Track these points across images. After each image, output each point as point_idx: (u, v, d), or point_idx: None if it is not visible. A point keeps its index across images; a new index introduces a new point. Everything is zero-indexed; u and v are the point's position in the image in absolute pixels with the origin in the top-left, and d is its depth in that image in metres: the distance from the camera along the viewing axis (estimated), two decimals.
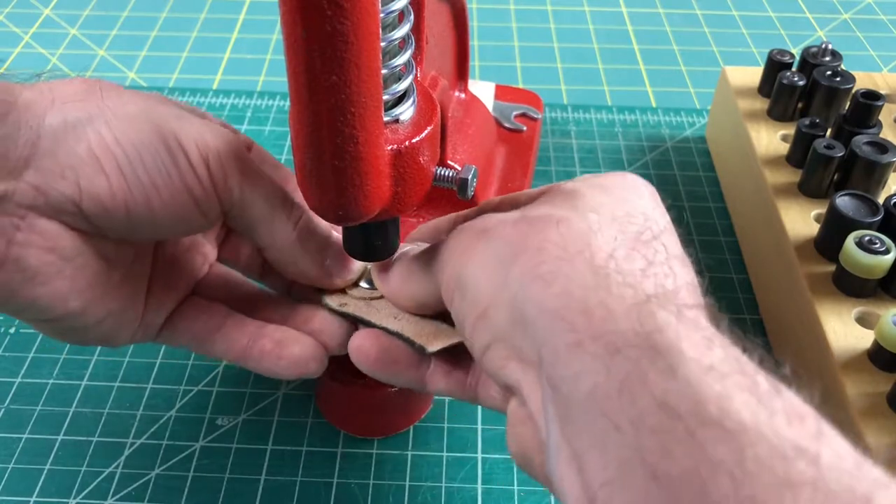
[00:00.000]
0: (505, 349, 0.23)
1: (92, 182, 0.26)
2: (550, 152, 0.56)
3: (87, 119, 0.26)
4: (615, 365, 0.19)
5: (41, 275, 0.26)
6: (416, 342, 0.30)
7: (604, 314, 0.21)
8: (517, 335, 0.23)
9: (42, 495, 0.36)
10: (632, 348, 0.19)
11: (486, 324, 0.24)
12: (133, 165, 0.26)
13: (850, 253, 0.37)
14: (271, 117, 0.58)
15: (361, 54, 0.22)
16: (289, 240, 0.30)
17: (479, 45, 0.68)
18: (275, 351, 0.31)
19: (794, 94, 0.48)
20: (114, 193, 0.26)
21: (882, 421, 0.33)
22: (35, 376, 0.41)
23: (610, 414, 0.19)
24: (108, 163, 0.26)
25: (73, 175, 0.25)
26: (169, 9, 0.72)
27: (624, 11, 0.74)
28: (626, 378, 0.19)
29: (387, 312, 0.32)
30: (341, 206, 0.25)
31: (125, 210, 0.26)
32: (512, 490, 0.36)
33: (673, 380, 0.18)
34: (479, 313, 0.24)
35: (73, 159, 0.25)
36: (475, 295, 0.24)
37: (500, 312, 0.23)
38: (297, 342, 0.31)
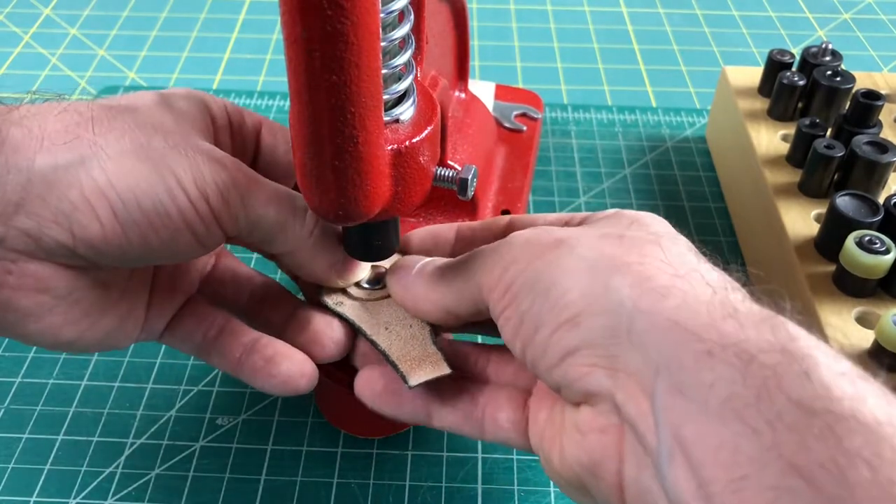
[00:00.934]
0: (594, 357, 0.23)
1: (86, 228, 0.25)
2: (550, 152, 0.56)
3: (79, 161, 0.25)
4: (751, 372, 0.20)
5: (33, 315, 0.26)
6: (400, 369, 0.30)
7: (734, 326, 0.21)
8: (615, 345, 0.23)
9: (42, 495, 0.36)
10: (766, 354, 0.20)
11: (573, 331, 0.24)
12: (128, 209, 0.25)
13: (850, 253, 0.37)
14: (271, 117, 0.58)
15: (361, 54, 0.22)
16: (304, 248, 0.30)
17: (479, 45, 0.68)
18: (265, 368, 0.30)
19: (795, 94, 0.48)
20: (108, 238, 0.25)
21: None
22: (35, 376, 0.41)
23: (747, 419, 0.19)
24: (102, 208, 0.25)
25: (65, 221, 0.25)
26: (169, 9, 0.72)
27: (624, 11, 0.74)
28: (763, 384, 0.20)
29: (380, 319, 0.32)
30: (341, 207, 0.25)
31: (121, 251, 0.26)
32: (512, 490, 0.36)
33: (808, 382, 0.19)
34: (566, 318, 0.24)
35: (65, 205, 0.25)
36: (562, 300, 0.24)
37: (594, 320, 0.23)
38: (287, 359, 0.31)
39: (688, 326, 0.22)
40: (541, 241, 0.26)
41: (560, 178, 0.53)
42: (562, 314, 0.24)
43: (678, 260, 0.24)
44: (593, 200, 0.52)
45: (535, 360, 0.25)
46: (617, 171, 0.54)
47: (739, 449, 0.19)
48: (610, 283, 0.24)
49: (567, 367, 0.24)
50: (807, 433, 0.18)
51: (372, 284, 0.33)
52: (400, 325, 0.31)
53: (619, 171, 0.54)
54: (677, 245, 0.25)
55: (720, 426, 0.20)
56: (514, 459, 0.38)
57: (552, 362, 0.24)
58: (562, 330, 0.24)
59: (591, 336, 0.23)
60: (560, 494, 0.36)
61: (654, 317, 0.22)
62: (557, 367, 0.24)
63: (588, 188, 0.53)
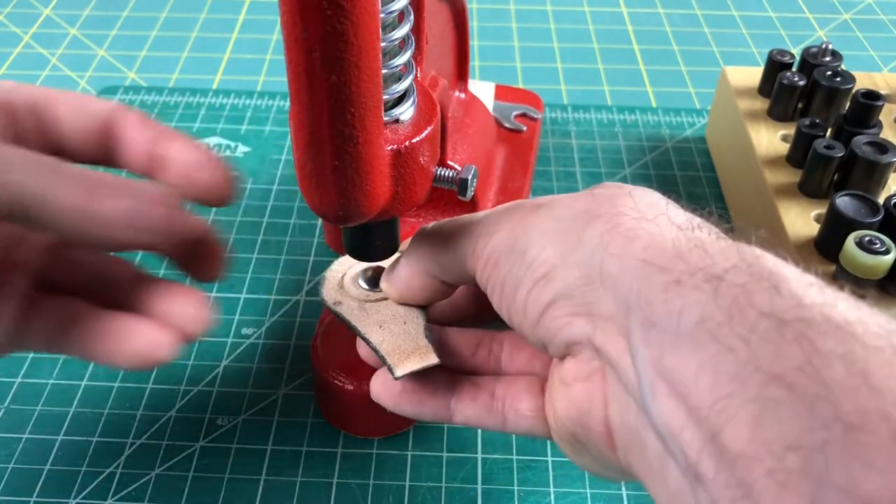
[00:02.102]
0: (570, 306, 0.24)
1: None
2: (550, 152, 0.56)
3: None
4: (720, 292, 0.20)
5: None
6: (388, 362, 0.30)
7: (700, 254, 0.22)
8: (590, 291, 0.23)
9: (42, 495, 0.36)
10: (734, 274, 0.21)
11: (549, 285, 0.24)
12: None
13: (850, 253, 0.37)
14: (271, 117, 0.58)
15: (361, 54, 0.22)
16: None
17: (479, 45, 0.68)
18: (115, 346, 0.28)
19: (795, 95, 0.48)
20: None
21: None
22: (35, 376, 0.41)
23: (721, 338, 0.19)
24: None
25: None
26: (169, 9, 0.72)
27: (624, 11, 0.74)
28: (734, 302, 0.20)
29: (376, 318, 0.32)
30: (341, 207, 0.25)
31: None
32: (512, 490, 0.36)
33: (778, 295, 0.20)
34: (540, 275, 0.24)
35: None
36: (536, 259, 0.25)
37: (568, 272, 0.24)
38: (139, 333, 0.28)
39: (655, 262, 0.22)
40: (522, 207, 0.27)
41: (560, 179, 0.53)
42: (537, 271, 0.25)
43: (648, 207, 0.25)
44: None
45: (520, 322, 0.26)
46: (617, 172, 0.54)
47: (718, 369, 0.19)
48: (583, 235, 0.24)
49: (547, 321, 0.24)
50: (781, 342, 0.19)
51: (371, 285, 0.33)
52: (394, 322, 0.31)
53: (619, 172, 0.54)
54: (649, 195, 0.26)
55: (696, 350, 0.20)
56: (513, 459, 0.38)
57: (533, 320, 0.25)
58: (538, 286, 0.24)
59: (566, 287, 0.24)
60: (560, 494, 0.36)
61: (623, 259, 0.23)
62: (538, 324, 0.25)
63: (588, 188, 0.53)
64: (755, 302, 0.20)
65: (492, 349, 0.32)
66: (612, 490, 0.37)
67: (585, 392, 0.24)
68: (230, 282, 0.46)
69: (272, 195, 0.51)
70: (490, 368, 0.32)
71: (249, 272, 0.46)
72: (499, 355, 0.32)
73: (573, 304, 0.24)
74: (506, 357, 0.32)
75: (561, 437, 0.26)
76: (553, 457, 0.38)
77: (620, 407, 0.23)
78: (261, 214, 0.50)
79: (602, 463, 0.26)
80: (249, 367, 0.41)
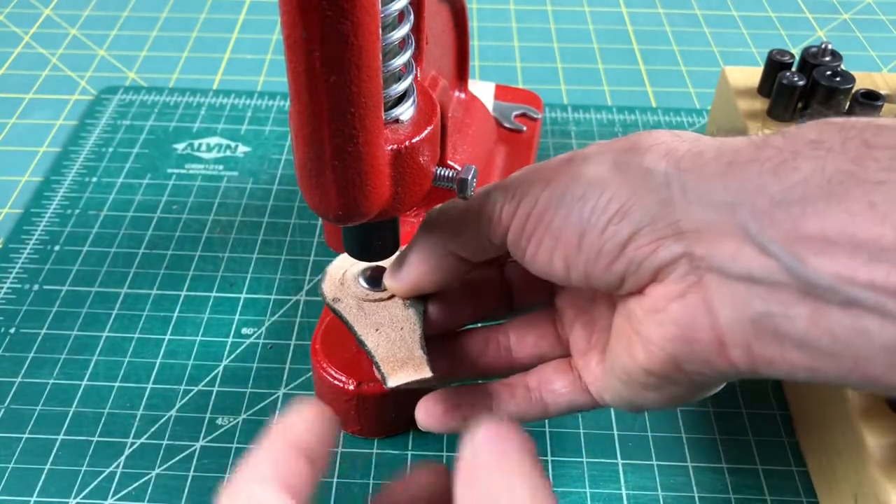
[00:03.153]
0: (654, 233, 0.24)
1: None
2: (550, 152, 0.56)
3: None
4: (832, 152, 0.21)
5: None
6: (382, 369, 0.30)
7: (777, 140, 0.23)
8: (672, 213, 0.24)
9: (42, 495, 0.36)
10: (830, 135, 0.21)
11: (626, 220, 0.24)
12: None
13: None
14: (271, 117, 0.58)
15: (361, 54, 0.22)
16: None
17: (479, 45, 0.68)
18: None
19: (794, 95, 0.48)
20: None
21: (882, 421, 0.33)
22: (35, 376, 0.41)
23: (862, 180, 0.20)
24: None
25: None
26: (169, 9, 0.72)
27: (624, 11, 0.74)
28: (856, 151, 0.21)
29: (373, 320, 0.32)
30: (341, 207, 0.25)
31: None
32: None
33: (892, 131, 0.21)
34: (613, 212, 0.25)
35: None
36: (602, 200, 0.25)
37: (644, 202, 0.24)
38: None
39: (740, 160, 0.23)
40: (549, 164, 0.27)
41: None
42: (607, 211, 0.25)
43: (680, 134, 0.25)
44: None
45: (588, 266, 0.25)
46: None
47: (875, 203, 0.20)
48: (644, 166, 0.25)
49: (630, 254, 0.24)
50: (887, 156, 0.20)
51: (372, 285, 0.33)
52: (391, 327, 0.31)
53: None
54: (663, 132, 0.26)
55: (840, 201, 0.20)
56: None
57: (611, 258, 0.25)
58: (612, 225, 0.25)
59: (645, 217, 0.24)
60: (560, 494, 0.36)
61: (701, 170, 0.23)
62: (618, 260, 0.25)
63: None
64: (876, 143, 0.20)
65: (499, 342, 0.32)
66: (613, 490, 0.37)
67: (684, 308, 0.24)
68: (230, 281, 0.46)
69: (272, 195, 0.51)
70: (503, 361, 0.32)
71: (249, 272, 0.46)
72: (507, 345, 0.32)
73: (657, 230, 0.24)
74: (514, 345, 0.32)
75: (655, 373, 0.25)
76: (553, 457, 0.38)
77: (736, 303, 0.22)
78: (261, 214, 0.50)
79: (691, 384, 0.25)
80: (249, 367, 0.41)
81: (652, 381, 0.26)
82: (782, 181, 0.22)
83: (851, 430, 0.33)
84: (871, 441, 0.32)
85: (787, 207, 0.21)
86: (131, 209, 0.50)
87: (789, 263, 0.21)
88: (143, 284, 0.46)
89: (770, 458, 0.38)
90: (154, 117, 0.58)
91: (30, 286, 0.45)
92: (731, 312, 0.23)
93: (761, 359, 0.23)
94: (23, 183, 0.53)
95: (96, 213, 0.50)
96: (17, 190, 0.52)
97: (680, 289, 0.24)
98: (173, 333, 0.43)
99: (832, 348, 0.21)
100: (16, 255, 0.47)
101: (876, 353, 0.20)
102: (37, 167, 0.54)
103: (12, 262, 0.47)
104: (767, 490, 0.37)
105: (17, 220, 0.50)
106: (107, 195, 0.51)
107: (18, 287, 0.45)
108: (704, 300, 0.23)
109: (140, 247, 0.48)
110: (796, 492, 0.37)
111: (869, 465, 0.32)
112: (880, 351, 0.20)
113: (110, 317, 0.44)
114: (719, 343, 0.23)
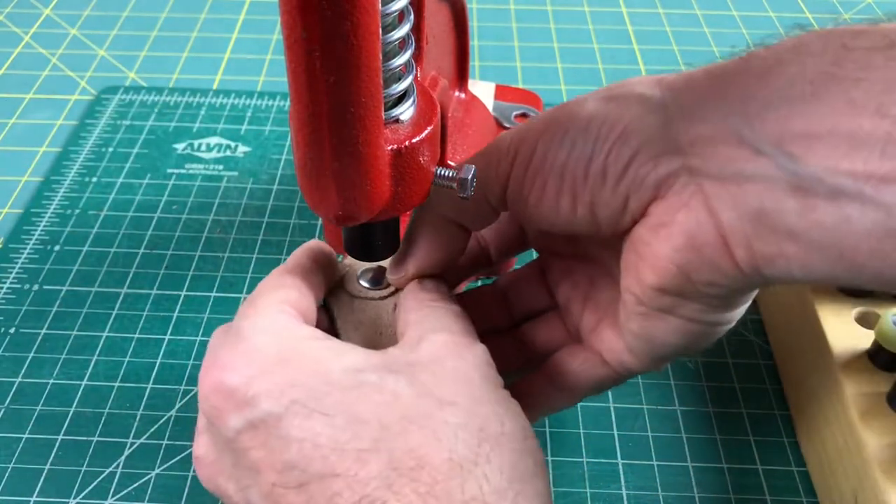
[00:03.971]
0: (654, 150, 0.25)
1: None
2: None
3: None
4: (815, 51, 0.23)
5: None
6: None
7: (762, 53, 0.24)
8: (671, 130, 0.25)
9: (42, 495, 0.36)
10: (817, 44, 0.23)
11: (627, 142, 0.25)
12: None
13: None
14: (271, 117, 0.58)
15: (361, 54, 0.22)
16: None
17: (479, 45, 0.68)
18: None
19: None
20: None
21: (882, 421, 0.33)
22: (35, 376, 0.41)
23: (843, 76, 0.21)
24: None
25: None
26: (169, 9, 0.72)
27: (624, 11, 0.74)
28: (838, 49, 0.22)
29: (358, 317, 0.32)
30: (341, 207, 0.25)
31: None
32: None
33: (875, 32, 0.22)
34: (616, 136, 0.25)
35: None
36: (604, 127, 0.26)
37: (643, 122, 0.25)
38: None
39: (728, 74, 0.24)
40: (536, 118, 0.28)
41: None
42: (609, 138, 0.26)
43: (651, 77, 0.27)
44: None
45: (594, 194, 0.26)
46: None
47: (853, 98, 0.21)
48: (636, 93, 0.26)
49: (632, 172, 0.25)
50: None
51: (372, 284, 0.33)
52: (372, 329, 0.31)
53: None
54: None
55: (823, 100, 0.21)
56: None
57: (616, 178, 0.26)
58: (615, 147, 0.25)
59: (646, 136, 0.25)
60: (560, 494, 0.36)
61: (693, 89, 0.25)
62: (622, 179, 0.25)
63: None
64: (854, 46, 0.22)
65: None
66: (613, 490, 0.37)
67: (687, 217, 0.24)
68: (230, 281, 0.46)
69: (272, 195, 0.51)
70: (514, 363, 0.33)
71: (249, 272, 0.46)
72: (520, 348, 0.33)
73: (658, 147, 0.25)
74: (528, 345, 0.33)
75: (667, 287, 0.26)
76: (553, 457, 0.38)
77: (736, 204, 0.23)
78: (261, 214, 0.50)
79: (703, 301, 0.26)
80: None
81: (665, 302, 0.26)
82: (769, 86, 0.23)
83: (851, 430, 0.33)
84: (871, 441, 0.32)
85: (776, 109, 0.22)
86: (131, 209, 0.50)
87: (780, 161, 0.22)
88: (144, 284, 0.46)
89: (770, 458, 0.38)
90: (154, 117, 0.58)
91: (30, 286, 0.45)
92: (731, 212, 0.23)
93: (761, 256, 0.23)
94: (23, 183, 0.53)
95: (96, 213, 0.50)
96: (17, 190, 0.52)
97: (683, 199, 0.25)
98: (173, 333, 0.43)
99: (822, 239, 0.22)
100: (16, 255, 0.47)
101: (859, 240, 0.21)
102: (37, 167, 0.54)
103: (12, 262, 0.47)
104: (767, 490, 0.37)
105: (17, 220, 0.50)
106: (107, 195, 0.51)
107: (18, 287, 0.45)
108: (706, 206, 0.24)
109: (140, 247, 0.48)
110: (796, 492, 0.37)
111: (869, 465, 0.32)
112: (863, 237, 0.21)
113: (110, 317, 0.44)
114: (724, 244, 0.24)
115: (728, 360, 0.43)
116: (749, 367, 0.42)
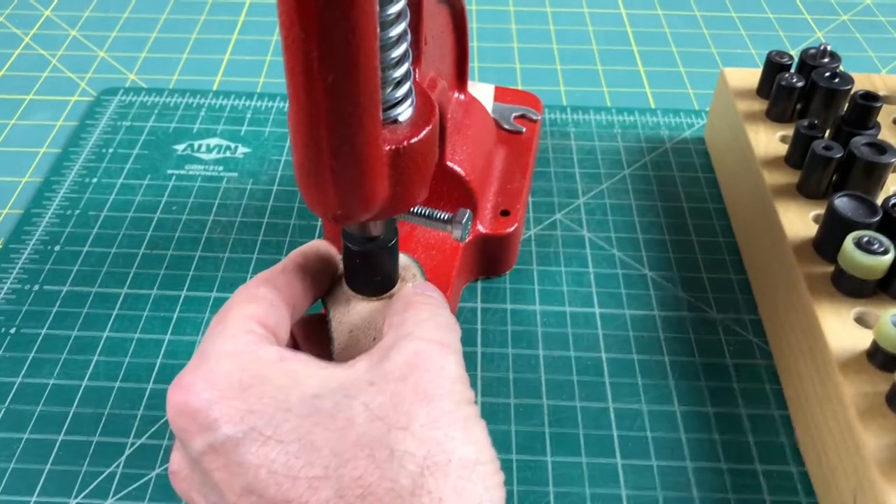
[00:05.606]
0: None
1: None
2: (550, 153, 0.56)
3: None
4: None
5: None
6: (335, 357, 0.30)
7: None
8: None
9: (42, 495, 0.36)
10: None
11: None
12: None
13: (848, 253, 0.37)
14: (271, 118, 0.58)
15: (359, 55, 0.22)
16: None
17: (478, 47, 0.68)
18: None
19: (793, 96, 0.48)
20: None
21: (881, 421, 0.33)
22: (35, 376, 0.41)
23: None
24: None
25: None
26: (169, 10, 0.72)
27: (623, 13, 0.74)
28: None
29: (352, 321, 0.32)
30: (340, 206, 0.25)
31: None
32: (511, 490, 0.36)
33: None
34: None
35: None
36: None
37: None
38: None
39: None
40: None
41: (559, 179, 0.54)
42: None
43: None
44: (592, 201, 0.52)
45: None
46: (616, 172, 0.54)
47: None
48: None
49: None
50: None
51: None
52: (363, 333, 0.31)
53: (619, 172, 0.54)
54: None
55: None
56: (513, 460, 0.38)
57: None
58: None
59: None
60: (560, 494, 0.36)
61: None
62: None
63: (587, 189, 0.53)
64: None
65: None
66: (613, 490, 0.37)
67: None
68: (230, 282, 0.46)
69: (272, 195, 0.51)
70: None
71: (249, 272, 0.46)
72: None
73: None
74: None
75: None
76: (553, 457, 0.38)
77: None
78: (261, 215, 0.50)
79: None
80: None
81: None
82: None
83: (851, 431, 0.33)
84: (869, 441, 0.32)
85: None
86: (131, 210, 0.50)
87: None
88: (144, 285, 0.46)
89: (770, 458, 0.38)
90: (154, 118, 0.58)
91: (30, 286, 0.45)
92: None
93: None
94: (23, 184, 0.53)
95: (96, 214, 0.50)
96: (17, 190, 0.52)
97: None
98: (173, 334, 0.43)
99: None
100: (16, 255, 0.47)
101: None
102: (37, 168, 0.54)
103: (12, 263, 0.47)
104: (767, 490, 0.37)
105: (17, 221, 0.50)
106: (107, 196, 0.51)
107: (19, 287, 0.45)
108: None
109: (140, 247, 0.48)
110: (796, 492, 0.37)
111: (868, 465, 0.32)
112: None
113: (110, 317, 0.44)
114: None
115: (728, 361, 0.43)
116: (748, 367, 0.42)
